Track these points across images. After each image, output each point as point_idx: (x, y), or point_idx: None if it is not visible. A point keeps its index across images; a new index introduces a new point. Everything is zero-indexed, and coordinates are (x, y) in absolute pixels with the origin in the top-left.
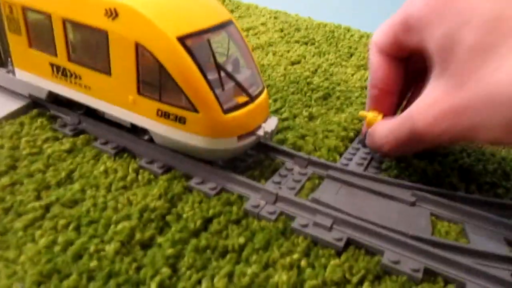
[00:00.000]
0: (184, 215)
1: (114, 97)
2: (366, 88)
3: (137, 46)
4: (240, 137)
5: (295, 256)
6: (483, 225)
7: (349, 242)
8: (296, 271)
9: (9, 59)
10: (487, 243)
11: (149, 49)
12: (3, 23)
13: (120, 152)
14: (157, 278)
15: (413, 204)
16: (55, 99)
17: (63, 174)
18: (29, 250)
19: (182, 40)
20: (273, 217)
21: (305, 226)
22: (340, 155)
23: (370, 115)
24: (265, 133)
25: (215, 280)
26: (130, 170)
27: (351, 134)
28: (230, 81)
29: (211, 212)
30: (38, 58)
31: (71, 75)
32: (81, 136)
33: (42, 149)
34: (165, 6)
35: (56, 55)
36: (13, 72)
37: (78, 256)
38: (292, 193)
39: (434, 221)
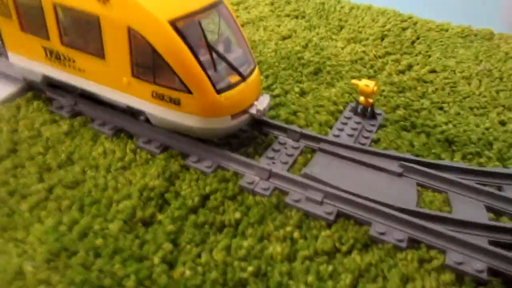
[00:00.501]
0: (182, 193)
1: (108, 79)
2: (356, 61)
3: (129, 30)
4: (234, 116)
5: (288, 228)
6: (466, 194)
7: (339, 215)
8: (290, 243)
9: (1, 42)
10: (469, 211)
11: (141, 33)
12: None
13: (117, 132)
14: (160, 253)
15: (400, 175)
16: (50, 82)
17: (63, 156)
18: (36, 230)
19: (173, 23)
20: (267, 193)
21: (298, 201)
22: (331, 127)
23: (362, 83)
24: (258, 111)
25: (214, 253)
26: (128, 150)
27: (341, 107)
28: (222, 61)
29: (207, 189)
30: (30, 41)
31: (65, 58)
32: (78, 118)
33: (40, 131)
34: None
35: (48, 38)
36: (6, 56)
37: (83, 235)
38: (285, 168)
39: (420, 191)
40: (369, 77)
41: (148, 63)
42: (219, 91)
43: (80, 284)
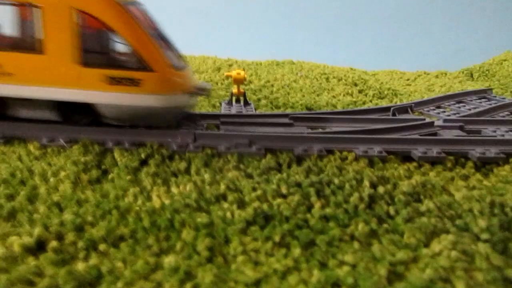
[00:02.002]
0: (119, 162)
1: (48, 77)
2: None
3: (79, 14)
4: (187, 94)
5: (231, 165)
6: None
7: (266, 149)
8: (239, 173)
9: None
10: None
11: (94, 15)
12: None
13: (10, 140)
14: (130, 195)
15: (291, 124)
16: None
17: None
18: None
19: (125, 4)
20: (199, 150)
21: (229, 148)
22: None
23: (234, 72)
24: (208, 89)
25: (181, 187)
26: (32, 149)
27: (218, 104)
28: (169, 46)
29: (143, 155)
30: None
31: None
32: None
33: None
34: None
35: None
36: None
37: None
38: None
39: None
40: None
41: (102, 48)
42: (177, 69)
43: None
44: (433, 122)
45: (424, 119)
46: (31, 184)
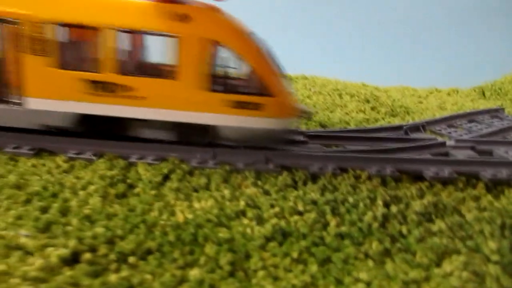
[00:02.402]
0: (143, 177)
1: (176, 101)
2: None
3: (211, 43)
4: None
5: (249, 181)
6: None
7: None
8: (257, 190)
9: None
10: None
11: (225, 45)
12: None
13: (39, 152)
14: (156, 209)
15: (306, 142)
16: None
17: None
18: None
19: (252, 34)
20: (218, 166)
21: (247, 164)
22: None
23: None
24: (310, 112)
25: (202, 202)
26: (60, 162)
27: None
28: (281, 71)
29: (165, 170)
30: (66, 78)
31: (119, 89)
32: None
33: None
34: None
35: (97, 70)
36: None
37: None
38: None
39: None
40: None
41: (228, 74)
42: (289, 93)
43: None
44: (444, 142)
45: (436, 139)
46: (62, 197)
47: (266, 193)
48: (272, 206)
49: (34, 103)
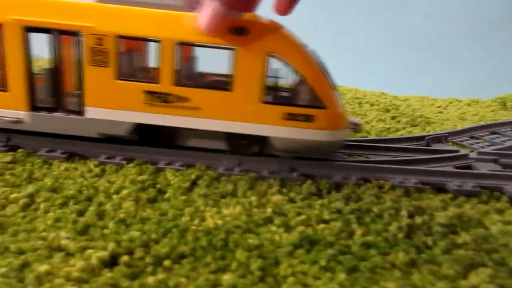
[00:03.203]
0: (172, 182)
1: (230, 112)
2: None
3: (267, 56)
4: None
5: (275, 189)
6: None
7: (305, 175)
8: (283, 198)
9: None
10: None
11: (282, 58)
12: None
13: (71, 156)
14: (186, 214)
15: None
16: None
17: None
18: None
19: (305, 48)
20: (244, 174)
21: (272, 173)
22: None
23: None
24: (360, 124)
25: (231, 208)
26: (92, 166)
27: None
28: (332, 84)
29: (193, 176)
30: (125, 89)
31: (176, 100)
32: (19, 151)
33: None
34: None
35: (156, 81)
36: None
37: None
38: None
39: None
40: None
41: (282, 86)
42: (341, 106)
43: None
44: (467, 154)
45: (459, 151)
46: (97, 201)
47: (291, 201)
48: (299, 214)
49: (92, 112)
